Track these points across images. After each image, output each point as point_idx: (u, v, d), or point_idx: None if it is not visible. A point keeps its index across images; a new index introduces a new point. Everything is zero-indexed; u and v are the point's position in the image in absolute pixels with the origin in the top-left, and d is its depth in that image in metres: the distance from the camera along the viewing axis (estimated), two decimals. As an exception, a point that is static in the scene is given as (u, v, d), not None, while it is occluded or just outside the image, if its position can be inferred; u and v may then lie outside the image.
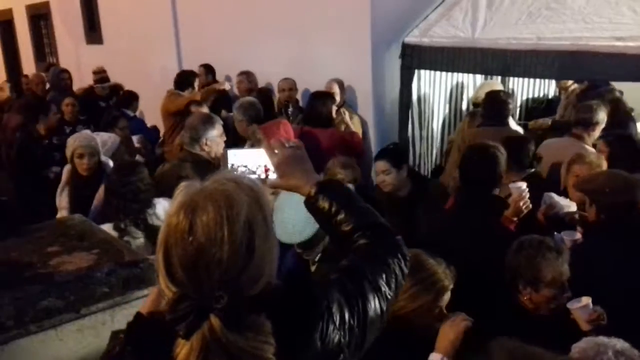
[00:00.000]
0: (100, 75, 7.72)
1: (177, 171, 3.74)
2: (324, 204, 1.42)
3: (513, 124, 5.08)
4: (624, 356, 1.66)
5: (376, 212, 1.46)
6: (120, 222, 2.92)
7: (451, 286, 2.15)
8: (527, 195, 3.05)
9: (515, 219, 3.00)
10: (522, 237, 2.49)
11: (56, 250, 2.16)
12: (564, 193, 3.43)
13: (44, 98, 7.04)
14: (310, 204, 1.45)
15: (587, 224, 2.87)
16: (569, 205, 3.18)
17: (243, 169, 1.57)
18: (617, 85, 5.16)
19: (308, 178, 1.46)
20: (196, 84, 6.48)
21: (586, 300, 2.31)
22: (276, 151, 1.48)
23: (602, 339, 1.73)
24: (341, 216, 1.40)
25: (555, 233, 2.94)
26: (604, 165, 3.37)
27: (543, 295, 2.37)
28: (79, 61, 9.44)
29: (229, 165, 1.56)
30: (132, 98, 6.45)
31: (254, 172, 1.56)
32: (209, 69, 6.79)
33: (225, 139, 3.98)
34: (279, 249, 1.23)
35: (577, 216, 3.10)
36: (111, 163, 4.02)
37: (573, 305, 2.33)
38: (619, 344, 1.69)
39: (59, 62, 10.79)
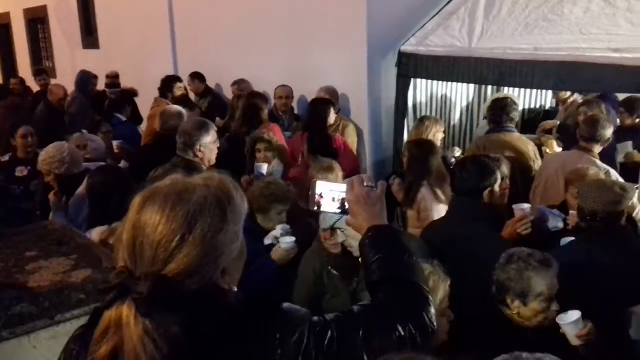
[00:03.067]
0: (112, 80, 7.65)
1: (168, 176, 3.68)
2: (366, 249, 1.39)
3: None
4: None
5: (417, 271, 1.37)
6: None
7: (443, 284, 2.12)
8: (530, 218, 2.98)
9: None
10: (510, 250, 2.44)
11: (34, 255, 2.10)
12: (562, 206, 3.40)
13: (63, 114, 6.58)
14: (360, 247, 1.43)
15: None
16: (560, 220, 3.12)
17: (327, 199, 1.56)
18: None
19: (372, 220, 1.42)
20: (174, 88, 6.42)
21: (576, 314, 2.24)
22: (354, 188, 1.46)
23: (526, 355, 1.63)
24: (375, 265, 1.35)
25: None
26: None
27: (532, 309, 2.32)
28: (74, 65, 9.37)
29: (316, 195, 1.55)
30: (124, 101, 6.35)
31: (337, 206, 1.55)
32: (196, 76, 6.77)
33: (218, 145, 3.92)
34: (232, 255, 1.18)
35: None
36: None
37: (562, 320, 2.26)
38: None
39: (55, 66, 10.76)
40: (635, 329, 2.32)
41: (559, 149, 4.49)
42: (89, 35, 9.66)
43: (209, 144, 3.80)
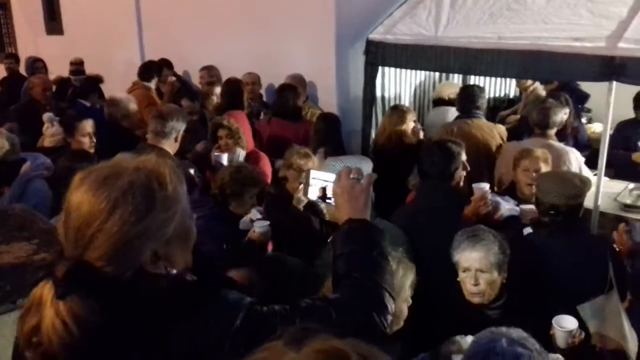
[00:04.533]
0: (76, 67, 7.46)
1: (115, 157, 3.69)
2: (338, 242, 1.38)
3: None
4: (519, 344, 1.63)
5: (382, 272, 1.32)
6: None
7: (410, 272, 2.19)
8: (489, 197, 3.06)
9: (474, 218, 3.02)
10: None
11: (-6, 239, 2.06)
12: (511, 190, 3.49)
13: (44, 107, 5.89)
14: (332, 239, 1.41)
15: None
16: (513, 208, 3.19)
17: (317, 188, 1.59)
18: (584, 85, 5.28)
19: (352, 214, 1.40)
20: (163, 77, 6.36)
21: (573, 324, 2.23)
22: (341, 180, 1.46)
23: (500, 328, 1.71)
24: (343, 259, 1.34)
25: None
26: (549, 160, 3.49)
27: (462, 280, 2.44)
28: (38, 52, 9.14)
29: (311, 184, 1.59)
30: (90, 88, 6.23)
31: (317, 195, 1.58)
32: (165, 63, 6.69)
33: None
34: (163, 239, 1.14)
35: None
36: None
37: (559, 325, 2.23)
38: (515, 333, 1.68)
39: (17, 53, 10.46)
40: (590, 317, 2.37)
41: None
42: (53, 21, 9.42)
43: (182, 133, 3.80)
